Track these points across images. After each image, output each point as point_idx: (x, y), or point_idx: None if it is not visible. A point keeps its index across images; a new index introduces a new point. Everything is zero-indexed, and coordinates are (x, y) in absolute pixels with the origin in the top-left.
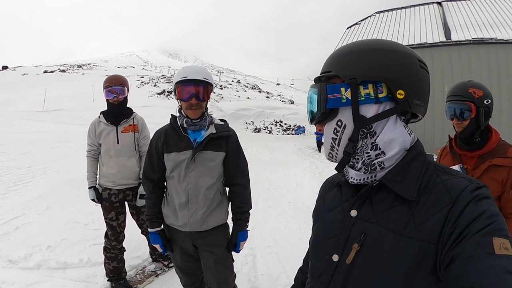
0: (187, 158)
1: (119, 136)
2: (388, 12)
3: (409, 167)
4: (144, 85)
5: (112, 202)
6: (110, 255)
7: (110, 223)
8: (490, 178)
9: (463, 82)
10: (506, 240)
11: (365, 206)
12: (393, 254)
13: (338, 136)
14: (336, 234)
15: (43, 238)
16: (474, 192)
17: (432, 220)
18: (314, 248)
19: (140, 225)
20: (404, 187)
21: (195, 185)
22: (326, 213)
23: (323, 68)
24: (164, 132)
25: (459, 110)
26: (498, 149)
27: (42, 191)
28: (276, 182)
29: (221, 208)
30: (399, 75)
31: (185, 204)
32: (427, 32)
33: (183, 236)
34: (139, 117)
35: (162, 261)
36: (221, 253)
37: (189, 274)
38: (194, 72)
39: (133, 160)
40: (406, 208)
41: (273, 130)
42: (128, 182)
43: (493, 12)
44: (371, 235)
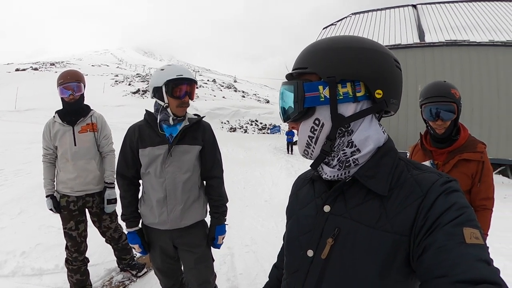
0: (163, 153)
1: (76, 137)
2: (364, 13)
3: (380, 163)
4: (119, 84)
5: (70, 210)
6: (72, 267)
7: (70, 233)
8: (460, 172)
9: (441, 83)
10: (476, 230)
11: (338, 202)
12: (367, 247)
13: (316, 134)
14: (310, 230)
15: (17, 243)
16: (444, 186)
17: (404, 213)
18: (289, 244)
19: (103, 233)
20: (376, 182)
21: (173, 180)
22: (299, 209)
23: (296, 63)
24: (138, 128)
25: (444, 111)
26: (467, 144)
27: (15, 195)
28: (252, 181)
29: (199, 202)
30: (378, 75)
31: (163, 201)
32: (401, 34)
33: (163, 235)
34: (97, 115)
35: (130, 270)
36: (201, 252)
37: (169, 275)
38: (187, 71)
39: (93, 163)
40: (378, 202)
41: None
42: (88, 188)
43: (466, 15)
44: (344, 229)
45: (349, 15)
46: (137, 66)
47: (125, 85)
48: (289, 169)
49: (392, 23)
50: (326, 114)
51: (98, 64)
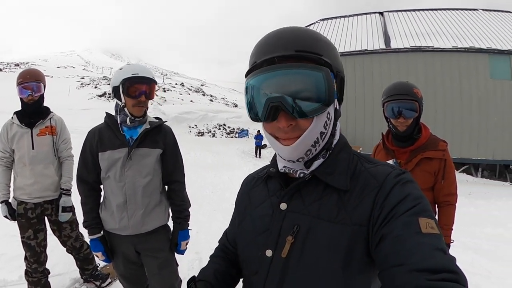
0: (122, 156)
1: (34, 140)
2: (332, 19)
3: (338, 159)
4: (85, 86)
5: (29, 218)
6: (32, 279)
7: (28, 243)
8: (423, 170)
9: (404, 82)
10: (431, 220)
11: (295, 199)
12: (328, 242)
13: (327, 130)
14: (267, 229)
15: None
16: (398, 177)
17: (362, 204)
18: (245, 246)
19: (63, 243)
20: (337, 178)
21: (133, 185)
22: (253, 209)
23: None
24: (98, 131)
25: (406, 109)
26: (429, 143)
27: None
28: (220, 185)
29: (160, 207)
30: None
31: (123, 205)
32: (368, 40)
33: (124, 241)
34: (57, 117)
35: (93, 281)
36: (164, 257)
37: (133, 282)
38: (144, 70)
39: (51, 168)
40: (336, 197)
41: (217, 133)
42: (46, 194)
43: (430, 22)
44: (304, 226)
45: (317, 21)
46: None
47: (91, 88)
48: None
49: (359, 30)
50: (332, 108)
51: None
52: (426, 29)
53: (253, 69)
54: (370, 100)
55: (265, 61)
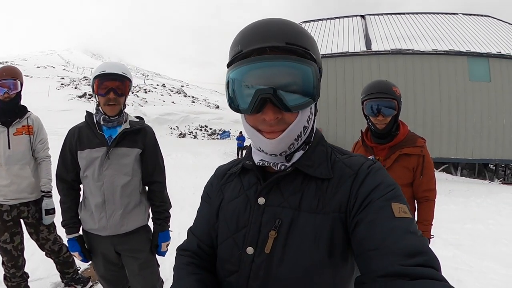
0: (100, 156)
1: (10, 140)
2: (314, 22)
3: (316, 151)
4: (65, 87)
5: (4, 221)
6: (11, 284)
7: (4, 247)
8: (401, 166)
9: (383, 81)
10: (403, 205)
11: (273, 192)
12: (312, 232)
13: (309, 124)
14: (245, 226)
15: None
16: (371, 166)
17: (339, 192)
18: (220, 245)
19: (41, 246)
20: (318, 169)
21: (111, 184)
22: (226, 205)
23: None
24: (78, 130)
25: (385, 107)
26: (407, 139)
27: None
28: (202, 187)
29: (140, 208)
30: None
31: (102, 205)
32: (349, 42)
33: (104, 242)
34: (34, 117)
35: (74, 285)
36: (145, 257)
37: (114, 283)
38: (113, 66)
39: (27, 169)
40: (314, 187)
41: (198, 135)
42: (22, 196)
43: (411, 25)
44: (286, 219)
45: (300, 23)
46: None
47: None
48: None
49: (341, 32)
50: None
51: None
52: (407, 32)
53: (239, 57)
54: (351, 101)
55: (255, 50)
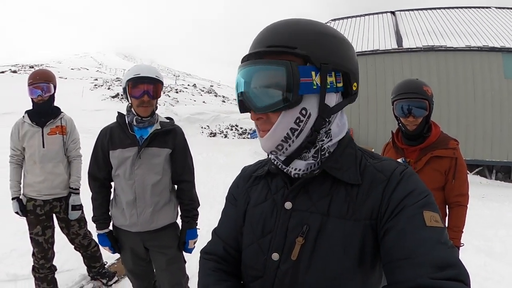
0: (132, 155)
1: (44, 139)
2: (344, 19)
3: (344, 154)
4: (98, 87)
5: (37, 215)
6: (39, 275)
7: (36, 239)
8: (433, 169)
9: (413, 80)
10: (435, 213)
11: (300, 196)
12: (342, 239)
13: (301, 126)
14: (271, 231)
15: None
16: (404, 172)
17: (370, 198)
18: (246, 249)
19: (71, 240)
20: (347, 173)
21: (142, 183)
22: (252, 209)
23: (276, 40)
24: (110, 130)
25: (416, 107)
26: (439, 141)
27: None
28: None
29: (170, 205)
30: (356, 68)
31: (133, 203)
32: (380, 40)
33: (133, 237)
34: (67, 118)
35: (100, 279)
36: (173, 254)
37: (141, 278)
38: (147, 70)
39: (60, 167)
40: (344, 192)
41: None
42: (55, 192)
43: (443, 21)
44: (314, 225)
45: (329, 21)
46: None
47: (105, 89)
48: None
49: (371, 29)
50: (314, 104)
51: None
52: (439, 28)
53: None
54: (382, 100)
55: (249, 56)
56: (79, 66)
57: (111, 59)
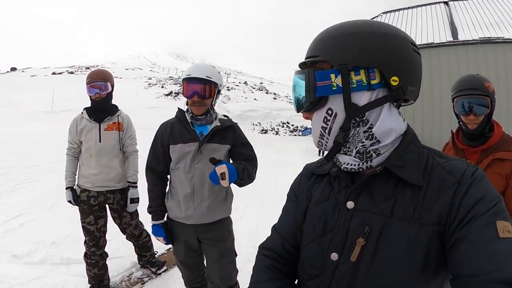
0: (193, 150)
1: (101, 134)
2: (395, 12)
3: (408, 151)
4: (152, 86)
5: (90, 205)
6: (90, 261)
7: (88, 228)
8: (494, 172)
9: (474, 75)
10: (508, 223)
11: (363, 196)
12: (405, 243)
13: (329, 125)
14: (332, 230)
15: (47, 234)
16: (475, 173)
17: (439, 202)
18: (305, 247)
19: (123, 230)
20: (409, 172)
21: (201, 177)
22: (314, 207)
23: (308, 52)
24: (170, 125)
25: (477, 105)
26: (501, 143)
27: (48, 189)
28: (282, 183)
29: (226, 200)
30: (393, 61)
31: (190, 196)
32: (434, 32)
33: (188, 230)
34: (124, 115)
35: (150, 267)
36: (225, 247)
37: (192, 269)
38: (198, 70)
39: (115, 161)
40: (410, 193)
41: (280, 131)
42: (109, 184)
43: (500, 11)
44: (376, 226)
45: (380, 14)
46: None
47: (158, 87)
48: None
49: (424, 21)
50: (339, 104)
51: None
52: (496, 18)
53: None
54: (438, 97)
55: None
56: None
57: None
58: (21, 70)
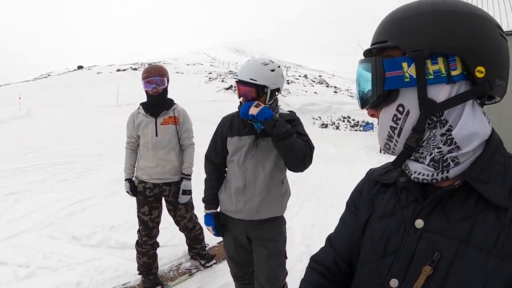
0: (248, 143)
1: (158, 128)
2: None
3: (492, 162)
4: (212, 80)
5: (146, 196)
6: (141, 250)
7: (142, 218)
8: None
9: None
10: None
11: (435, 215)
12: (481, 279)
13: (399, 125)
14: (394, 252)
15: (107, 219)
16: None
17: None
18: (362, 267)
19: (177, 222)
20: (493, 189)
21: (254, 171)
22: (375, 221)
23: (374, 37)
24: (230, 118)
25: None
26: None
27: (111, 177)
28: (340, 180)
29: (279, 197)
30: (479, 47)
31: (242, 190)
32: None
33: (237, 225)
34: (180, 109)
35: (199, 259)
36: (275, 247)
37: (240, 265)
38: (244, 71)
39: (172, 154)
40: (493, 216)
41: (341, 125)
42: (165, 177)
43: None
44: (447, 253)
45: None
46: (230, 64)
47: (219, 81)
48: None
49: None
50: (413, 99)
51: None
52: None
53: None
54: None
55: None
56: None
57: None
58: (87, 68)
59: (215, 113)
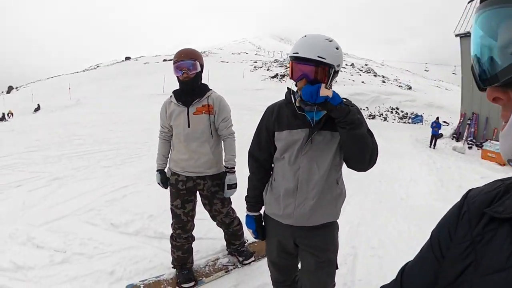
0: (302, 138)
1: (190, 119)
2: None
3: None
4: (258, 69)
5: (178, 189)
6: (175, 243)
7: (175, 211)
8: None
9: None
10: None
11: None
12: None
13: None
14: None
15: (146, 207)
16: None
17: None
18: None
19: (213, 217)
20: None
21: (308, 170)
22: (479, 279)
23: None
24: (277, 108)
25: None
26: None
27: (153, 165)
28: (389, 175)
29: (335, 201)
30: None
31: (293, 192)
32: None
33: (284, 230)
34: (215, 96)
35: (237, 256)
36: (326, 257)
37: (283, 271)
38: (309, 48)
39: (206, 146)
40: None
41: (389, 117)
42: (199, 170)
43: None
44: None
45: None
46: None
47: (264, 70)
48: (430, 165)
49: None
50: None
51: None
52: None
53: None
54: None
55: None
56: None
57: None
58: (135, 59)
59: (260, 102)
